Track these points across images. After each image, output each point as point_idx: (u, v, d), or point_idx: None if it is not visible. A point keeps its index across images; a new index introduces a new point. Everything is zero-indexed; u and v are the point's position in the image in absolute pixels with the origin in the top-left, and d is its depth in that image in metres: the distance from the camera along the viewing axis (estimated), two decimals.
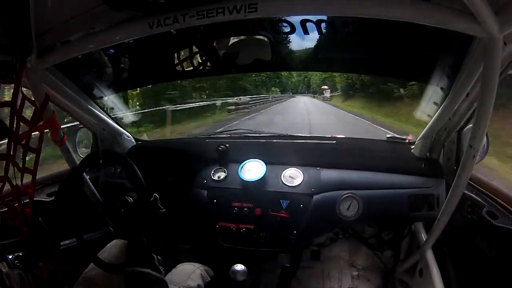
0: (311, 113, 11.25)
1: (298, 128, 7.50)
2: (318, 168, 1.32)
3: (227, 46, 1.21)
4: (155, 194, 0.97)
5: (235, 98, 11.11)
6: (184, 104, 8.97)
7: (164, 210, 0.97)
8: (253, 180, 1.29)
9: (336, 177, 1.30)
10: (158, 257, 0.91)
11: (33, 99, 1.02)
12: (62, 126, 1.18)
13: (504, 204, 1.06)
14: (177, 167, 1.44)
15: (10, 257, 0.90)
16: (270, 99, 15.96)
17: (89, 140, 1.59)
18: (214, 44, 1.20)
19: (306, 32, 1.08)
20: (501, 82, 0.77)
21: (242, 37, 1.18)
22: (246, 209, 1.26)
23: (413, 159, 1.34)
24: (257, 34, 1.13)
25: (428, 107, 1.22)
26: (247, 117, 9.65)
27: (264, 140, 1.60)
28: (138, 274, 0.86)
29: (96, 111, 1.39)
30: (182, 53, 1.25)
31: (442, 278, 1.13)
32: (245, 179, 1.30)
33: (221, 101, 10.45)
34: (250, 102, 11.98)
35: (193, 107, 9.15)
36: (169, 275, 1.14)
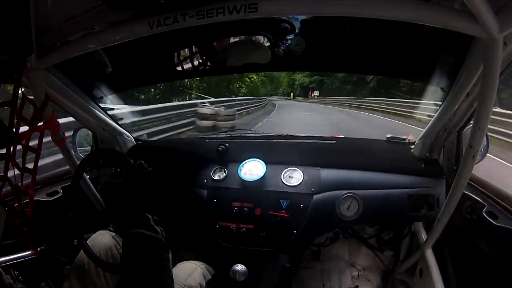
0: None
1: None
2: (318, 168, 1.32)
3: (227, 46, 1.21)
4: (140, 161, 0.93)
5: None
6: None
7: (150, 169, 0.93)
8: (253, 180, 1.29)
9: (336, 177, 1.30)
10: (154, 217, 0.88)
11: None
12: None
13: (504, 204, 1.06)
14: (177, 167, 1.44)
15: (16, 272, 0.89)
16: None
17: (89, 140, 1.59)
18: (214, 44, 1.20)
19: (306, 32, 1.09)
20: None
21: (242, 37, 1.19)
22: (246, 209, 1.26)
23: (413, 159, 1.34)
24: (257, 34, 1.14)
25: (428, 107, 1.23)
26: None
27: (264, 140, 1.60)
28: (132, 236, 0.83)
29: (96, 111, 1.39)
30: (182, 53, 1.25)
31: (442, 278, 1.12)
32: (245, 179, 1.29)
33: None
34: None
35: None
36: None
